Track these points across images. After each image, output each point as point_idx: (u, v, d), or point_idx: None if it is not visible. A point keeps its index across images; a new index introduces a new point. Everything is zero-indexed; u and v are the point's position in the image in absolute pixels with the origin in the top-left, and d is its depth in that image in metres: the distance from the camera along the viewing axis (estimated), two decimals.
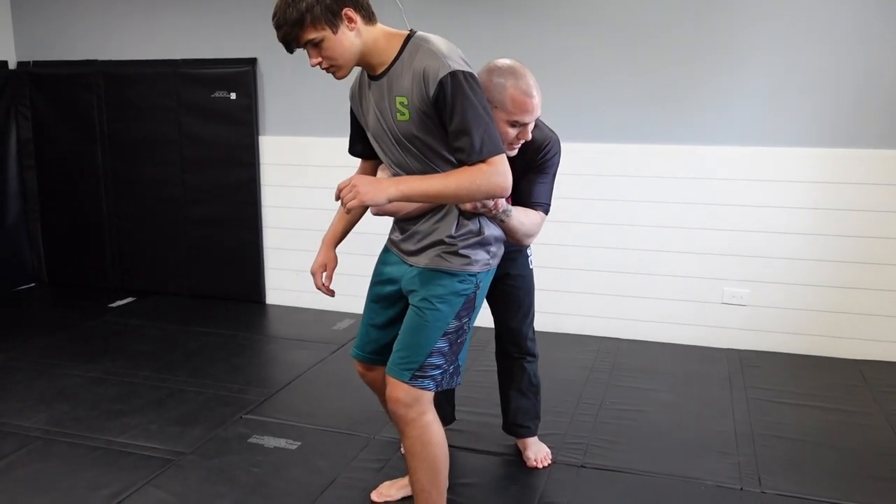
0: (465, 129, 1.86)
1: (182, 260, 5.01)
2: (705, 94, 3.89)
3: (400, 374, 2.08)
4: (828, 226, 3.82)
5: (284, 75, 4.58)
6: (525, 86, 2.21)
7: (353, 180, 1.87)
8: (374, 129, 2.07)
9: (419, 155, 1.99)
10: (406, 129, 1.96)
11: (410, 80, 1.90)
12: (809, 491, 2.65)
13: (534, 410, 2.83)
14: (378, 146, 2.11)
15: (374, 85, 2.01)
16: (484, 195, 1.92)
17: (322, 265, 2.35)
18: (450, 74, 1.85)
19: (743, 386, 3.55)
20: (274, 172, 4.74)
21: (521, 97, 2.20)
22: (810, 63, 3.73)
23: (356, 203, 1.85)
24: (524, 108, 2.22)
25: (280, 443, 2.98)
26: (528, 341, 2.74)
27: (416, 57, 1.90)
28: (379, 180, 1.90)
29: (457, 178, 1.88)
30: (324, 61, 1.94)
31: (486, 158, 1.87)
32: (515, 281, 2.66)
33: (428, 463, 2.13)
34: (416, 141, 1.97)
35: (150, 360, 3.87)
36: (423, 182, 1.90)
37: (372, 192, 1.85)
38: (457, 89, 1.85)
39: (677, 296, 4.10)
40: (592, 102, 4.05)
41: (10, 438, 3.01)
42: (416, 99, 1.90)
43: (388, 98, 1.96)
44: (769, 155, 3.85)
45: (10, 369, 3.73)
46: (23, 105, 5.10)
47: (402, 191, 1.88)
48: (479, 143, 1.86)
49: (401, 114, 1.94)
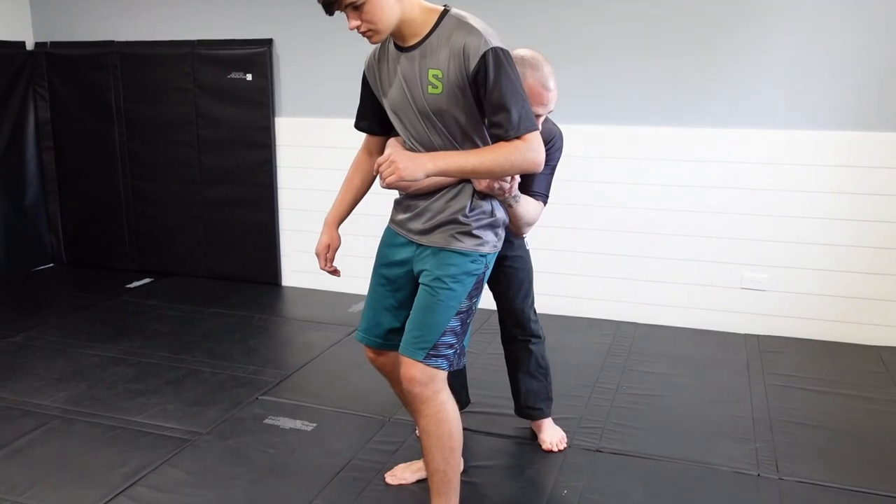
0: (504, 104, 1.88)
1: (198, 241, 5.02)
2: (726, 76, 3.83)
3: (414, 354, 2.08)
4: (848, 210, 3.77)
5: (301, 57, 4.56)
6: (543, 78, 2.24)
7: (392, 156, 1.88)
8: (397, 101, 2.05)
9: (443, 130, 1.98)
10: (436, 102, 1.95)
11: (448, 55, 1.91)
12: (828, 478, 2.62)
13: (545, 392, 2.81)
14: (398, 119, 2.08)
15: (404, 56, 1.99)
16: (518, 170, 1.95)
17: (326, 246, 2.34)
18: (491, 50, 1.87)
19: (761, 371, 3.52)
20: (290, 154, 4.73)
21: (539, 89, 2.24)
22: (833, 44, 3.65)
23: (395, 179, 1.87)
24: (540, 99, 2.26)
25: (296, 424, 2.99)
26: (532, 322, 2.73)
27: (454, 32, 1.92)
28: (417, 155, 1.92)
29: (494, 154, 1.90)
30: (362, 25, 1.91)
31: (523, 135, 1.89)
32: (515, 262, 2.65)
33: (443, 441, 2.12)
34: (444, 115, 1.96)
35: (167, 340, 3.90)
36: (461, 157, 1.92)
37: (411, 168, 1.87)
38: (498, 65, 1.87)
39: (695, 280, 4.06)
40: (612, 84, 4.00)
41: (29, 416, 3.04)
42: (453, 73, 1.91)
43: (420, 70, 1.95)
44: (790, 138, 3.78)
45: (29, 348, 3.77)
46: (40, 86, 5.12)
47: (440, 166, 1.90)
48: (518, 119, 1.88)
49: (433, 87, 1.94)
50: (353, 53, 4.32)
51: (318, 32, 4.45)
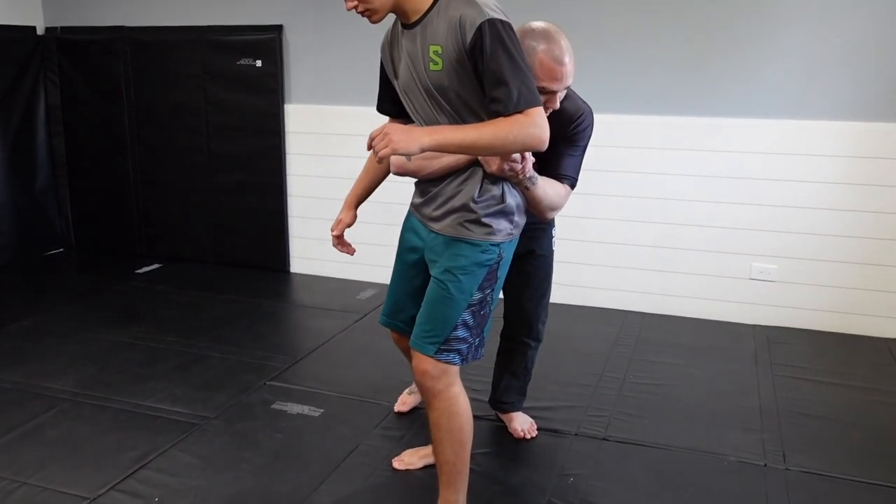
0: (502, 78, 1.80)
1: (207, 227, 5.03)
2: (735, 64, 3.79)
3: (424, 348, 2.05)
4: (859, 201, 3.74)
5: (311, 43, 4.55)
6: (557, 51, 2.10)
7: (385, 128, 1.81)
8: (405, 81, 2.01)
9: (449, 109, 1.93)
10: (438, 79, 1.90)
11: (446, 29, 1.85)
12: (835, 469, 2.62)
13: (520, 388, 2.81)
14: (407, 100, 2.05)
15: (407, 34, 1.96)
16: (520, 147, 1.86)
17: (338, 221, 2.40)
18: (487, 22, 1.79)
19: (769, 362, 3.51)
20: (299, 141, 4.73)
21: (551, 63, 2.10)
22: (846, 33, 3.62)
23: (388, 152, 1.78)
24: (553, 74, 2.12)
25: (303, 409, 3.00)
26: (541, 324, 2.69)
27: (451, 4, 1.85)
28: (412, 129, 1.84)
29: (492, 128, 1.82)
30: (360, 4, 1.88)
31: (524, 109, 1.81)
32: (538, 261, 2.59)
33: (453, 435, 2.11)
34: (447, 93, 1.91)
35: (175, 325, 3.91)
36: (458, 131, 1.84)
37: (405, 141, 1.78)
38: (494, 37, 1.79)
39: (704, 270, 4.05)
40: (618, 72, 3.97)
41: (39, 400, 3.06)
42: (451, 48, 1.85)
43: (422, 47, 1.91)
44: (801, 128, 3.75)
45: (39, 332, 3.79)
46: (51, 71, 5.13)
47: (437, 139, 1.82)
48: (517, 94, 1.80)
49: (434, 63, 1.89)
50: (364, 40, 4.32)
51: (329, 18, 4.43)
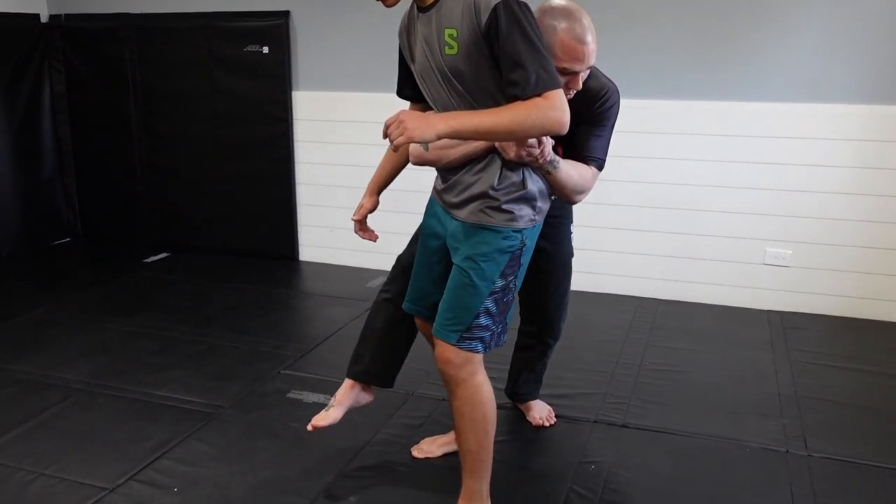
0: (519, 60, 1.74)
1: (215, 216, 5.00)
2: (750, 46, 3.74)
3: (447, 336, 2.02)
4: (873, 185, 3.70)
5: (318, 29, 4.50)
6: (579, 31, 2.04)
7: (400, 115, 1.76)
8: (421, 65, 1.97)
9: (465, 94, 1.89)
10: (453, 63, 1.85)
11: (461, 11, 1.79)
12: (856, 454, 2.60)
13: (537, 379, 2.80)
14: (424, 84, 2.01)
15: (423, 17, 1.91)
16: (539, 131, 1.80)
17: (359, 206, 2.39)
18: (502, 3, 1.73)
19: (785, 348, 3.48)
20: (307, 128, 4.68)
21: (572, 42, 2.03)
22: (864, 14, 3.56)
23: (404, 140, 1.72)
24: (574, 54, 2.05)
25: (318, 398, 2.98)
26: (561, 321, 2.67)
27: None
28: (427, 115, 1.79)
29: (510, 113, 1.76)
30: None
31: (542, 92, 1.75)
32: (558, 262, 2.57)
33: (477, 424, 2.08)
34: (463, 77, 1.86)
35: (186, 314, 3.89)
36: (475, 117, 1.79)
37: (421, 128, 1.73)
38: (510, 18, 1.73)
39: (719, 256, 4.02)
40: (631, 56, 3.92)
41: (53, 390, 3.04)
42: (466, 30, 1.80)
43: (437, 30, 1.86)
44: (816, 112, 3.71)
45: (50, 322, 3.77)
46: (56, 59, 5.08)
47: (453, 126, 1.77)
48: (535, 77, 1.74)
49: (449, 47, 1.84)
50: (373, 26, 4.27)
51: (337, 4, 4.38)
